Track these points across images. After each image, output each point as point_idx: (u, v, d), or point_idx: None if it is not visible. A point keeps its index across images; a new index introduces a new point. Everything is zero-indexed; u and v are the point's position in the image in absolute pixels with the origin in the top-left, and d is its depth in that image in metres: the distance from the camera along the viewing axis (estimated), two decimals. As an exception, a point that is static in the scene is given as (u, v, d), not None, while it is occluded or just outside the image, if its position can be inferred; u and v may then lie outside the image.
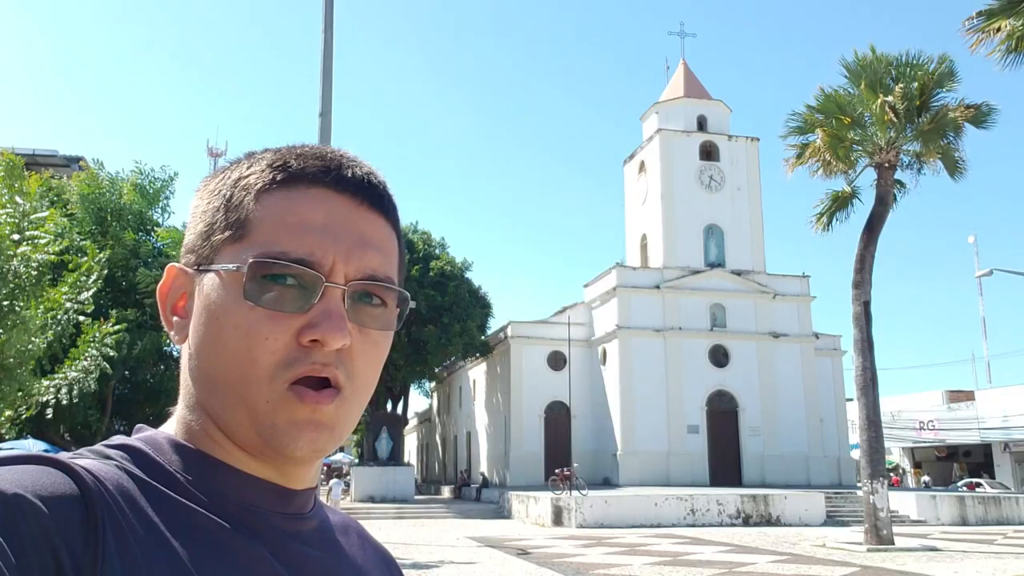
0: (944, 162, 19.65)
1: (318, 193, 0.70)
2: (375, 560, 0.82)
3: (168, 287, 0.73)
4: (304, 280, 0.66)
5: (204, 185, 0.75)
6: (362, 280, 0.69)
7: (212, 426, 0.69)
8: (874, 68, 19.25)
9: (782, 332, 38.01)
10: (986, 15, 13.84)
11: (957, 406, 48.00)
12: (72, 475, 0.59)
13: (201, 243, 0.71)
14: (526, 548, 17.80)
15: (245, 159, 0.74)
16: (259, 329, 0.66)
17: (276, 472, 0.71)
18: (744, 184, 39.97)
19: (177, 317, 0.73)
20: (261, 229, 0.68)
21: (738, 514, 25.40)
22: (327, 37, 9.34)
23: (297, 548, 0.70)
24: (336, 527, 0.79)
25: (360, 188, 0.72)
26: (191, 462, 0.68)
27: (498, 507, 30.74)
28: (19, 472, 0.57)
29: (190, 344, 0.70)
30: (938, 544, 18.72)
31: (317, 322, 0.66)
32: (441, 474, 52.76)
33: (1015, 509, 27.98)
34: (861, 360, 19.14)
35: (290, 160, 0.71)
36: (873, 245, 19.44)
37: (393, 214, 0.75)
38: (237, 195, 0.70)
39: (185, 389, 0.71)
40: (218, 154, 53.20)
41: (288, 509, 0.71)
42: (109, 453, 0.66)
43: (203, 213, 0.73)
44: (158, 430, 0.72)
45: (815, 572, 13.82)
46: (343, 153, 0.74)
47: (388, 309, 0.71)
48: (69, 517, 0.56)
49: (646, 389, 35.94)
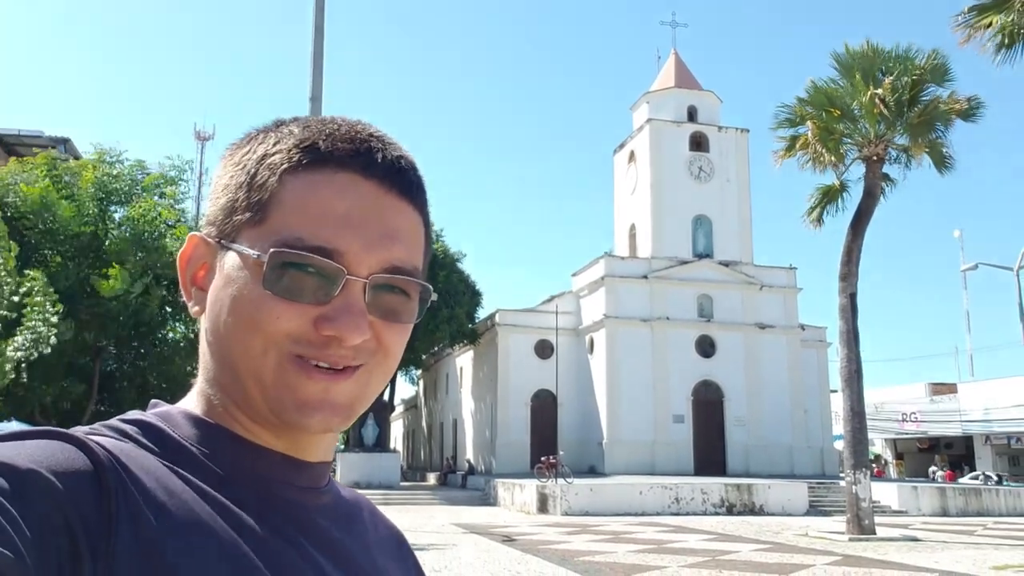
0: (932, 156, 19.74)
1: (345, 179, 0.68)
2: (387, 537, 0.82)
3: (189, 255, 0.72)
4: (325, 271, 0.65)
5: (230, 155, 0.74)
6: (385, 273, 0.67)
7: (228, 399, 0.69)
8: (867, 60, 19.29)
9: (768, 323, 38.21)
10: (977, 10, 13.83)
11: (940, 399, 48.47)
12: (86, 450, 0.58)
13: (223, 218, 0.70)
14: (511, 535, 17.87)
15: (274, 130, 0.73)
16: (273, 308, 0.65)
17: (292, 444, 0.71)
18: (733, 175, 40.04)
19: (196, 288, 0.72)
20: (284, 214, 0.67)
21: (722, 503, 25.59)
22: (318, 19, 9.27)
23: (313, 520, 0.70)
24: (349, 502, 0.79)
25: (389, 173, 0.70)
26: (207, 436, 0.68)
27: (484, 494, 30.83)
28: (33, 447, 0.56)
29: (207, 319, 0.70)
30: (919, 534, 18.93)
31: (335, 316, 0.65)
32: (427, 461, 52.83)
33: (995, 501, 28.33)
34: (846, 352, 19.27)
35: (319, 141, 0.69)
36: (860, 238, 19.54)
37: (421, 199, 0.73)
38: (261, 174, 0.69)
39: (204, 363, 0.71)
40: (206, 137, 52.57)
41: (304, 482, 0.71)
42: (124, 428, 0.66)
43: (225, 188, 0.71)
44: (175, 405, 0.72)
45: (797, 561, 13.94)
46: (373, 132, 0.72)
47: (410, 300, 0.70)
48: (83, 493, 0.55)
49: (633, 378, 36.07)
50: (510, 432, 38.07)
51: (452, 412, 47.28)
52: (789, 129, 20.76)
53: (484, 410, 40.87)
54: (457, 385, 46.59)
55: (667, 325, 36.95)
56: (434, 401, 52.40)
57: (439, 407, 50.82)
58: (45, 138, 27.55)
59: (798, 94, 20.38)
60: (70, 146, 27.99)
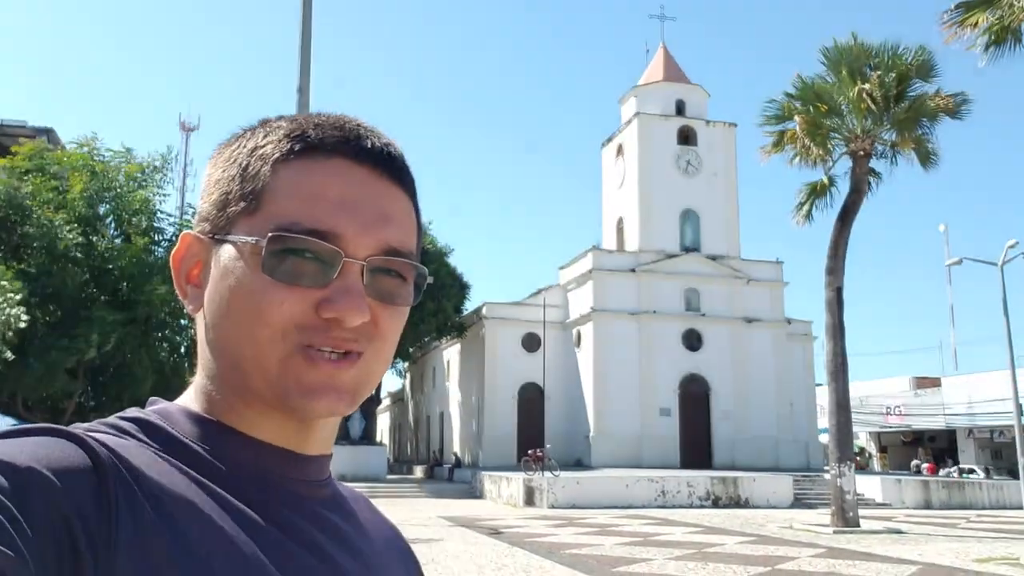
0: (917, 152, 19.86)
1: (337, 164, 0.69)
2: (385, 532, 0.82)
3: (182, 255, 0.72)
4: (323, 255, 0.65)
5: (219, 153, 0.74)
6: (382, 255, 0.68)
7: (229, 394, 0.69)
8: (855, 55, 19.36)
9: (755, 317, 38.37)
10: (964, 7, 13.83)
11: (923, 392, 48.90)
12: (85, 448, 0.58)
13: (216, 212, 0.70)
14: (498, 528, 17.91)
15: (260, 127, 0.73)
16: (274, 296, 0.65)
17: (293, 436, 0.70)
18: (721, 169, 40.14)
19: (191, 286, 0.72)
20: (278, 201, 0.67)
21: (708, 496, 25.73)
22: (306, 11, 9.20)
23: (315, 513, 0.71)
24: (347, 498, 0.79)
25: (379, 159, 0.70)
26: (207, 432, 0.68)
27: (470, 487, 30.89)
28: (32, 444, 0.56)
29: (205, 314, 0.70)
30: (902, 527, 19.11)
31: (335, 298, 0.65)
32: (414, 454, 52.81)
33: (978, 494, 28.63)
34: (832, 345, 19.39)
35: (308, 130, 0.70)
36: (847, 232, 19.65)
37: (411, 185, 0.74)
38: (253, 165, 0.69)
39: (203, 359, 0.71)
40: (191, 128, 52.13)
41: (305, 475, 0.72)
42: (123, 425, 0.66)
43: (217, 182, 0.71)
44: (174, 402, 0.72)
45: (782, 553, 14.04)
46: (360, 123, 0.73)
47: (406, 284, 0.71)
48: (83, 491, 0.55)
49: (619, 372, 36.17)
50: (497, 425, 38.11)
51: (439, 405, 47.26)
52: (777, 125, 20.86)
53: (471, 403, 40.89)
54: (444, 378, 46.57)
55: (654, 319, 37.06)
56: (421, 394, 52.36)
57: (426, 400, 50.79)
58: (29, 128, 27.23)
59: (786, 89, 20.51)
60: (53, 136, 27.67)
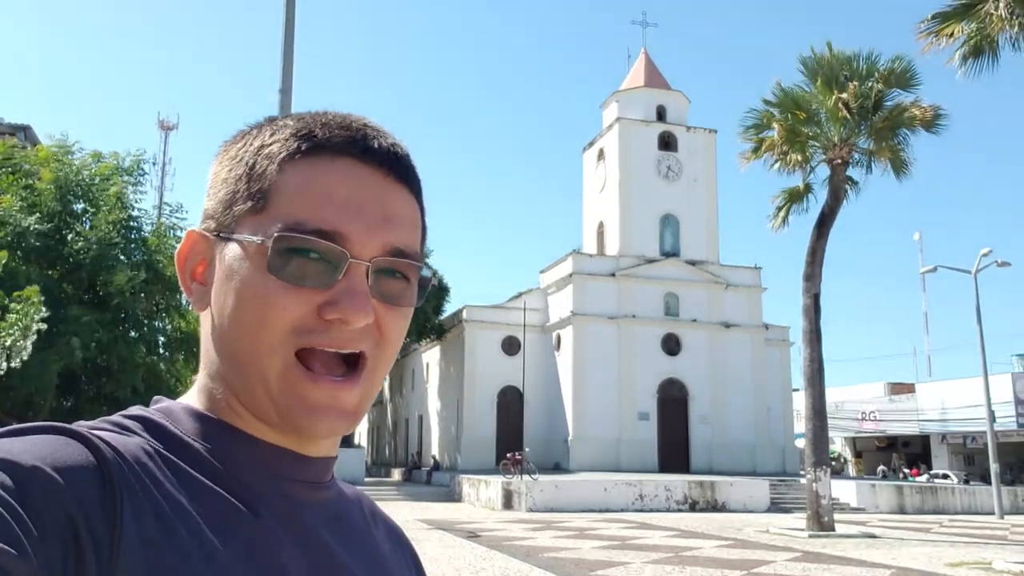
0: (891, 162, 20.07)
1: (343, 164, 0.69)
2: (387, 532, 0.82)
3: (187, 252, 0.72)
4: (329, 255, 0.65)
5: (224, 151, 0.74)
6: (387, 256, 0.68)
7: (231, 395, 0.69)
8: (830, 65, 19.56)
9: (733, 322, 38.62)
10: (940, 18, 13.88)
11: (898, 398, 49.41)
12: (89, 446, 0.58)
13: (222, 211, 0.70)
14: (476, 531, 17.88)
15: (267, 125, 0.73)
16: (278, 298, 0.65)
17: (295, 441, 0.70)
18: (701, 175, 40.40)
19: (196, 283, 0.72)
20: (285, 200, 0.67)
21: (685, 500, 25.85)
22: (289, 10, 9.16)
23: (317, 514, 0.71)
24: (350, 499, 0.80)
25: (386, 159, 0.70)
26: (210, 431, 0.68)
27: (449, 490, 30.81)
28: (36, 443, 0.56)
29: (211, 313, 0.70)
30: (876, 531, 19.28)
31: (339, 299, 0.65)
32: (392, 457, 52.61)
33: (950, 499, 28.97)
34: (809, 351, 19.55)
35: (315, 129, 0.70)
36: (824, 239, 19.83)
37: (417, 186, 0.74)
38: (260, 163, 0.69)
39: (207, 358, 0.71)
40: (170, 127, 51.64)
41: (307, 476, 0.71)
42: (127, 424, 0.66)
43: (224, 181, 0.71)
44: (176, 400, 0.72)
45: (759, 557, 14.12)
46: (367, 122, 0.72)
47: (411, 285, 0.70)
48: (87, 489, 0.55)
49: (598, 376, 36.26)
50: (476, 428, 38.07)
51: (418, 408, 47.13)
52: (756, 132, 21.02)
53: (450, 406, 40.81)
54: (423, 381, 46.45)
55: (634, 323, 37.20)
56: (400, 397, 52.19)
57: (404, 403, 50.63)
58: (5, 125, 26.87)
59: (765, 96, 20.67)
60: (30, 133, 27.33)
